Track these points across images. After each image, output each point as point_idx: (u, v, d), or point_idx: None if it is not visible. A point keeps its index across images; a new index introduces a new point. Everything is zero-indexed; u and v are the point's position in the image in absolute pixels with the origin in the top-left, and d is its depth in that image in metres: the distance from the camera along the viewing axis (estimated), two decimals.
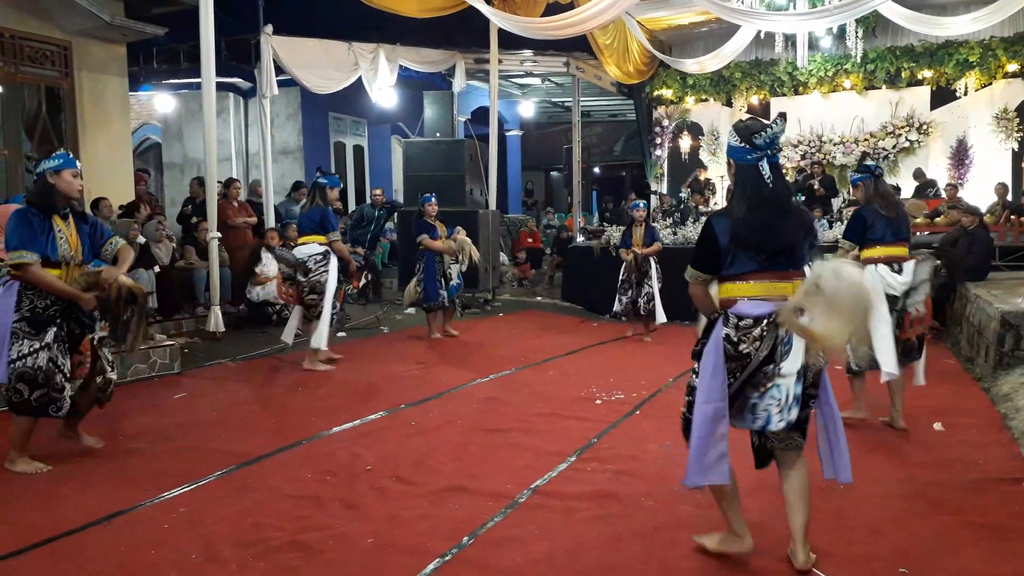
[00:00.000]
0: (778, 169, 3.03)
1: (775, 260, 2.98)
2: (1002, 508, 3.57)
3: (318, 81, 10.30)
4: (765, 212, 2.97)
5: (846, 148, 13.44)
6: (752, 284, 2.99)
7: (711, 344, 3.01)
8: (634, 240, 8.58)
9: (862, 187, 5.06)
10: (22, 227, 4.11)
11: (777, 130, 2.99)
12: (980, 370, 6.32)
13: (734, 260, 3.00)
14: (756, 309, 2.95)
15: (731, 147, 3.09)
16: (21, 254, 4.07)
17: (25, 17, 8.66)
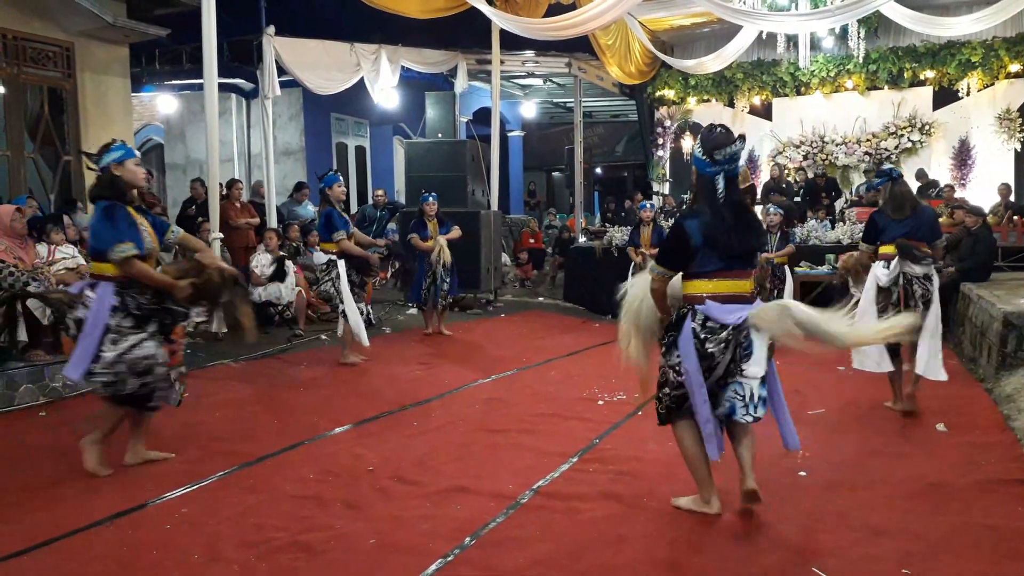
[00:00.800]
0: (732, 183, 3.39)
1: (735, 261, 3.37)
2: (1005, 509, 3.56)
3: (320, 82, 10.30)
4: (724, 219, 3.33)
5: (848, 149, 13.42)
6: (716, 282, 3.36)
7: (683, 339, 3.39)
8: (642, 239, 8.65)
9: (882, 191, 5.30)
10: (117, 220, 4.02)
11: (736, 149, 3.33)
12: (983, 371, 6.31)
13: (702, 259, 3.35)
14: (724, 316, 3.32)
15: (695, 156, 3.44)
16: (126, 247, 3.96)
17: (27, 18, 8.67)
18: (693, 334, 3.35)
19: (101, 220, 4.03)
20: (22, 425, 5.21)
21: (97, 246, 4.06)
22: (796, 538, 3.32)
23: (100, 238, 4.02)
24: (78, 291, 4.16)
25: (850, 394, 5.81)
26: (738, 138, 3.38)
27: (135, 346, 4.04)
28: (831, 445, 4.61)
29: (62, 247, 6.42)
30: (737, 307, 3.34)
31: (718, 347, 3.32)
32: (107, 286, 4.06)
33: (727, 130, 3.41)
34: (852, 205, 11.39)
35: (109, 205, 4.05)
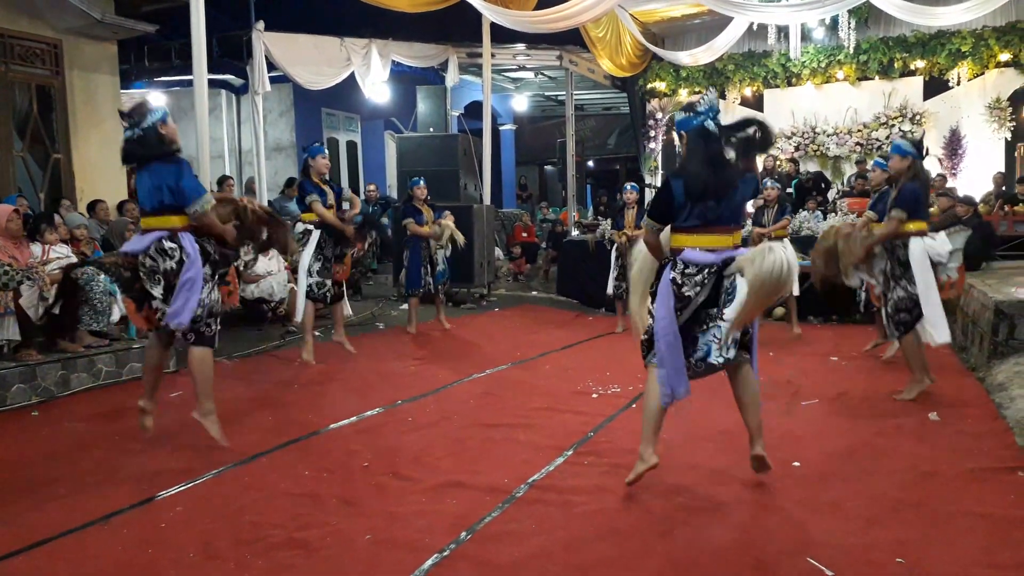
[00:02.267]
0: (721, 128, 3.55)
1: (720, 215, 3.53)
2: (998, 497, 3.58)
3: (310, 77, 10.27)
4: (714, 167, 3.49)
5: (839, 139, 13.45)
6: (699, 236, 3.55)
7: (661, 286, 3.60)
8: (626, 222, 8.59)
9: (911, 163, 5.19)
10: (194, 176, 4.30)
11: (712, 98, 3.58)
12: (975, 360, 6.34)
13: (688, 214, 3.54)
14: (700, 258, 3.51)
15: (679, 120, 3.70)
16: (208, 198, 4.27)
17: (15, 16, 8.61)
18: (672, 281, 3.56)
19: (178, 177, 4.20)
20: (14, 425, 5.19)
21: (174, 201, 4.22)
22: (790, 528, 3.33)
23: (183, 191, 4.20)
24: (145, 247, 4.26)
25: (843, 385, 5.83)
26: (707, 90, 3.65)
27: (211, 291, 4.35)
28: (824, 435, 4.63)
29: (56, 246, 6.38)
30: (718, 252, 3.52)
31: (693, 289, 3.51)
32: (188, 236, 4.26)
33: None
34: (844, 195, 11.42)
35: (180, 161, 4.28)
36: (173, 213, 4.25)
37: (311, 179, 6.79)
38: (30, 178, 9.14)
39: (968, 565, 2.95)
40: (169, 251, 4.22)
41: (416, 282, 8.41)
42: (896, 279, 5.27)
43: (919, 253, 5.15)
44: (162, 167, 4.23)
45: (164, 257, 4.22)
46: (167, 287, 4.24)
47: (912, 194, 5.16)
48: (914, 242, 5.18)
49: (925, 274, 5.14)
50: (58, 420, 5.28)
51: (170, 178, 4.21)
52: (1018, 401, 4.92)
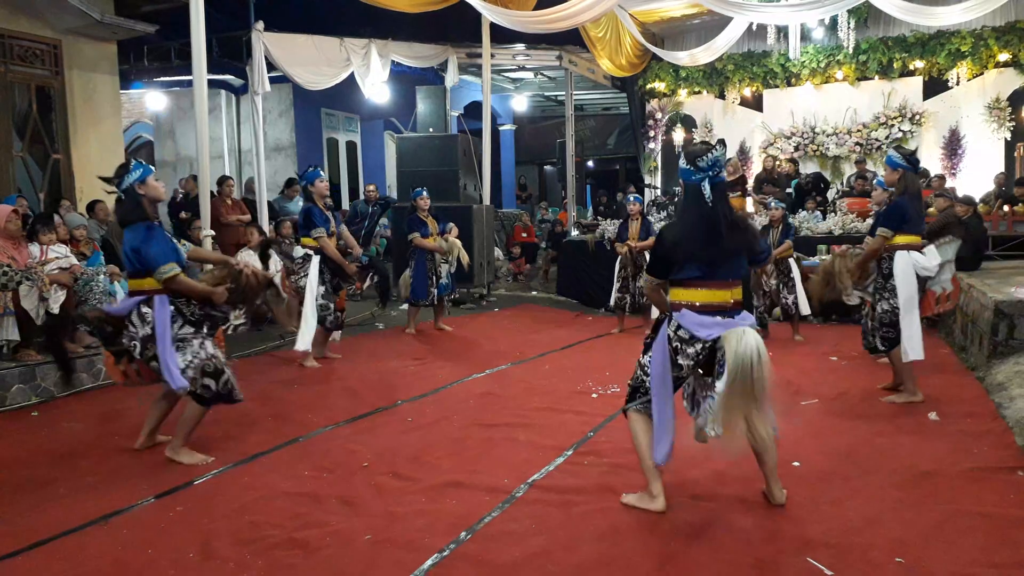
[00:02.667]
0: (719, 190, 3.40)
1: (715, 270, 3.39)
2: (997, 497, 3.59)
3: (310, 77, 10.26)
4: (706, 227, 3.36)
5: (839, 139, 13.45)
6: (694, 291, 3.41)
7: (657, 343, 3.49)
8: (630, 234, 8.58)
9: (902, 175, 5.18)
10: (160, 241, 4.24)
11: (718, 154, 3.39)
12: (974, 359, 6.34)
13: (681, 268, 3.42)
14: (697, 328, 3.36)
15: (680, 168, 3.50)
16: (172, 267, 4.19)
17: (15, 16, 8.61)
18: (667, 340, 3.44)
19: (144, 242, 4.19)
20: (14, 426, 5.19)
21: (141, 266, 4.22)
22: (790, 528, 3.33)
23: (145, 259, 4.19)
24: (126, 310, 4.28)
25: (842, 385, 5.84)
26: (717, 143, 3.50)
27: (199, 349, 4.28)
28: (823, 435, 4.63)
29: (54, 247, 6.38)
30: (714, 320, 3.35)
31: (688, 361, 3.40)
32: (162, 299, 4.24)
33: (707, 142, 3.55)
34: (843, 195, 11.42)
35: (149, 227, 4.26)
36: (148, 275, 4.23)
37: (317, 205, 6.82)
38: (30, 178, 9.15)
39: (968, 564, 2.96)
40: (144, 316, 4.22)
41: (421, 293, 8.41)
42: (880, 292, 5.28)
43: (903, 267, 5.13)
44: (131, 232, 4.24)
45: (142, 323, 4.23)
46: (144, 352, 4.24)
47: (898, 210, 5.15)
48: (899, 256, 5.15)
49: (907, 288, 5.11)
50: (58, 420, 5.28)
51: (135, 242, 4.21)
52: (1018, 401, 4.93)
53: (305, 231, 6.82)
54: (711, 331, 3.33)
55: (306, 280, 6.74)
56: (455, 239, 8.50)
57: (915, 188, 5.22)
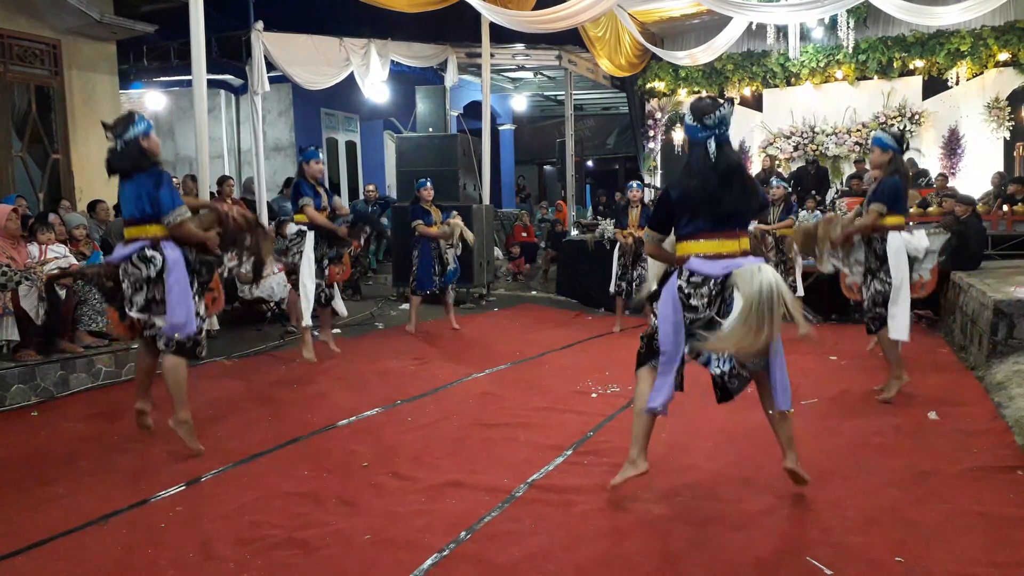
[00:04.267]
0: (723, 147, 3.46)
1: (722, 222, 3.43)
2: (997, 496, 3.59)
3: (309, 77, 10.26)
4: (711, 183, 3.41)
5: (838, 139, 13.46)
6: (702, 243, 3.45)
7: (665, 293, 3.52)
8: (630, 221, 8.56)
9: (891, 157, 5.17)
10: (170, 187, 4.28)
11: (725, 112, 3.45)
12: (974, 359, 6.34)
13: (688, 222, 3.47)
14: (706, 268, 3.41)
15: (686, 124, 3.58)
16: (183, 210, 4.27)
17: (14, 16, 8.61)
18: (678, 289, 3.47)
19: (155, 187, 4.24)
20: (14, 426, 5.19)
21: (151, 212, 4.25)
22: (789, 527, 3.34)
23: (156, 204, 4.23)
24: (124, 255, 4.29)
25: (843, 383, 5.84)
26: (726, 101, 3.52)
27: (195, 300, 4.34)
28: (824, 434, 4.63)
29: (53, 246, 6.38)
30: (724, 262, 3.40)
31: (701, 301, 3.42)
32: (171, 244, 4.28)
33: (714, 98, 3.55)
34: (843, 195, 11.42)
35: (159, 172, 4.30)
36: (153, 223, 4.27)
37: (307, 180, 6.79)
38: (29, 178, 9.14)
39: (967, 564, 2.95)
40: (151, 259, 4.25)
41: (426, 283, 8.37)
42: (873, 272, 5.27)
43: (896, 247, 5.15)
44: (142, 177, 4.27)
45: (146, 265, 4.25)
46: (149, 296, 4.26)
47: (892, 188, 5.14)
48: (892, 236, 5.16)
49: (900, 269, 5.14)
50: (57, 420, 5.28)
51: (149, 187, 4.24)
52: (1017, 400, 4.93)
53: (295, 206, 6.80)
54: (720, 271, 3.38)
55: (300, 256, 6.71)
56: (457, 220, 8.44)
57: (904, 170, 5.24)
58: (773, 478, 3.81)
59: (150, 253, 4.25)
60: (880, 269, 5.21)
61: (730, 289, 3.36)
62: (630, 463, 3.64)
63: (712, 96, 3.58)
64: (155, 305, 4.27)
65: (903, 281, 5.14)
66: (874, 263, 5.27)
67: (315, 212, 6.69)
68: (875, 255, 5.25)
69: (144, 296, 4.26)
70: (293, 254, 6.80)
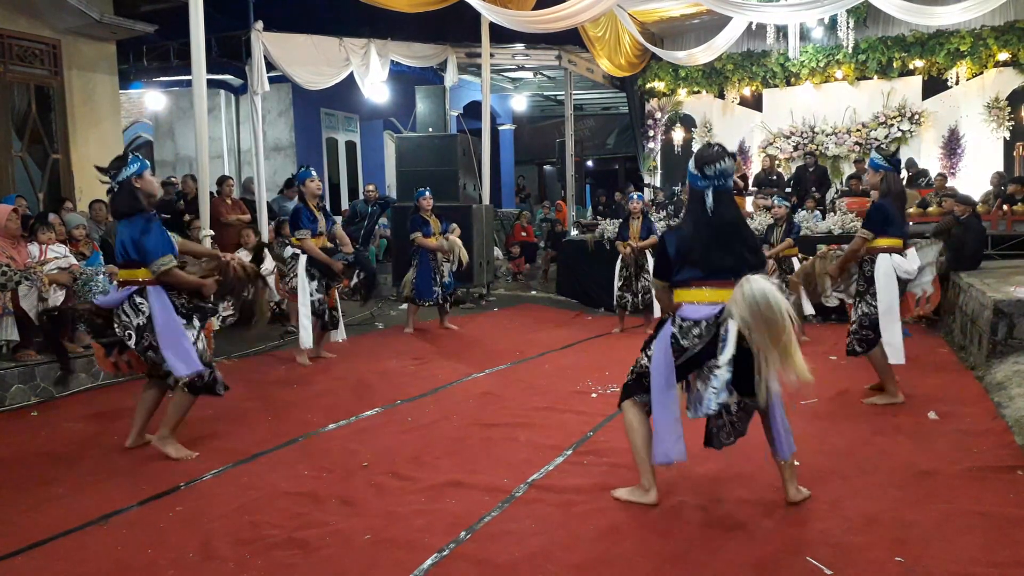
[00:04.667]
0: (722, 197, 3.42)
1: (715, 271, 3.40)
2: (997, 496, 3.59)
3: (309, 77, 10.25)
4: (707, 233, 3.41)
5: (838, 139, 13.46)
6: (694, 291, 3.43)
7: (659, 340, 3.49)
8: (631, 232, 8.56)
9: (884, 177, 5.16)
10: (157, 234, 4.26)
11: (727, 166, 3.40)
12: (973, 359, 6.34)
13: (680, 270, 3.45)
14: (696, 313, 3.39)
15: (688, 171, 3.52)
16: (168, 259, 4.26)
17: (14, 16, 8.61)
18: (671, 336, 3.44)
19: (140, 234, 4.23)
20: (14, 426, 5.19)
21: (137, 258, 4.26)
22: (789, 527, 3.33)
23: (141, 251, 4.23)
24: (117, 301, 4.31)
25: (842, 384, 5.83)
26: (730, 155, 3.48)
27: (195, 341, 4.34)
28: (823, 434, 4.63)
29: (53, 246, 6.38)
30: (716, 307, 3.35)
31: (691, 341, 3.38)
32: (156, 289, 4.27)
33: (722, 148, 3.50)
34: (843, 195, 11.42)
35: (147, 219, 4.28)
36: (141, 266, 4.27)
37: (307, 206, 6.83)
38: (29, 178, 9.14)
39: (967, 564, 2.96)
40: (139, 307, 4.25)
41: (427, 293, 8.42)
42: (861, 295, 5.28)
43: (884, 270, 5.11)
44: (129, 223, 4.27)
45: (136, 313, 4.26)
46: (140, 342, 4.27)
47: (879, 212, 5.14)
48: (881, 259, 5.14)
49: (888, 292, 5.10)
50: (57, 420, 5.28)
51: (135, 234, 4.23)
52: (1017, 400, 4.93)
53: (293, 232, 6.86)
54: (708, 313, 3.36)
55: (296, 280, 6.76)
56: (455, 239, 8.52)
57: (897, 189, 5.21)
58: (773, 478, 3.80)
59: (139, 300, 4.26)
60: (867, 291, 5.22)
61: (724, 325, 3.26)
62: (641, 489, 3.59)
63: (720, 146, 3.46)
64: (151, 351, 4.28)
65: (891, 304, 5.10)
66: (862, 285, 5.28)
67: (311, 245, 6.76)
68: (864, 277, 5.26)
69: (135, 343, 4.27)
70: (290, 278, 6.85)
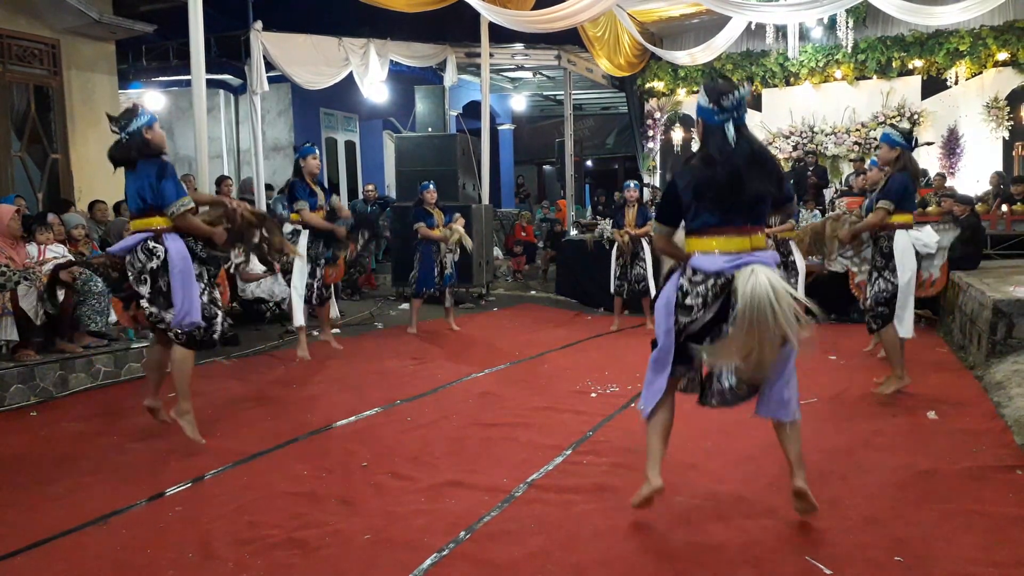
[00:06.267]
0: (742, 130, 3.17)
1: (733, 216, 3.13)
2: (996, 496, 3.59)
3: (309, 77, 10.26)
4: (726, 169, 3.10)
5: (838, 138, 13.47)
6: (709, 238, 3.16)
7: (665, 291, 3.27)
8: (627, 220, 8.58)
9: (900, 154, 5.13)
10: (176, 178, 4.29)
11: (742, 94, 3.15)
12: (973, 358, 6.34)
13: (696, 215, 3.17)
14: (711, 264, 3.12)
15: (700, 107, 3.24)
16: (186, 201, 4.27)
17: (13, 16, 8.61)
18: (678, 288, 3.21)
19: (158, 177, 4.24)
20: (13, 426, 5.18)
21: (154, 202, 4.26)
22: (788, 527, 3.33)
23: (161, 192, 4.23)
24: (129, 246, 4.30)
25: (841, 383, 5.83)
26: (742, 81, 3.30)
27: (204, 291, 4.33)
28: (822, 434, 4.62)
29: (51, 246, 6.38)
30: (727, 257, 3.09)
31: (696, 301, 3.13)
32: (173, 236, 4.27)
33: (729, 79, 3.34)
34: (842, 195, 11.41)
35: (163, 163, 4.29)
36: (157, 214, 4.28)
37: (303, 181, 6.81)
38: (28, 178, 9.14)
39: (966, 563, 2.96)
40: (154, 251, 4.26)
41: (427, 283, 8.38)
42: (879, 270, 5.27)
43: (904, 245, 5.13)
44: (144, 168, 4.28)
45: (150, 257, 4.26)
46: (154, 287, 4.27)
47: (900, 185, 5.10)
48: (900, 234, 5.16)
49: (907, 268, 5.14)
50: (57, 420, 5.28)
51: (151, 177, 4.25)
52: (1016, 400, 4.93)
53: (291, 208, 6.81)
54: (722, 266, 3.07)
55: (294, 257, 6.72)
56: (458, 227, 8.45)
57: (913, 167, 5.20)
58: (773, 478, 3.81)
59: (152, 245, 4.26)
60: (886, 267, 5.21)
61: (735, 291, 3.04)
62: (647, 482, 3.37)
63: (726, 76, 3.35)
64: (161, 297, 4.28)
65: (910, 280, 5.13)
66: (880, 261, 5.27)
67: (311, 215, 6.71)
68: (881, 253, 5.25)
69: (149, 288, 4.27)
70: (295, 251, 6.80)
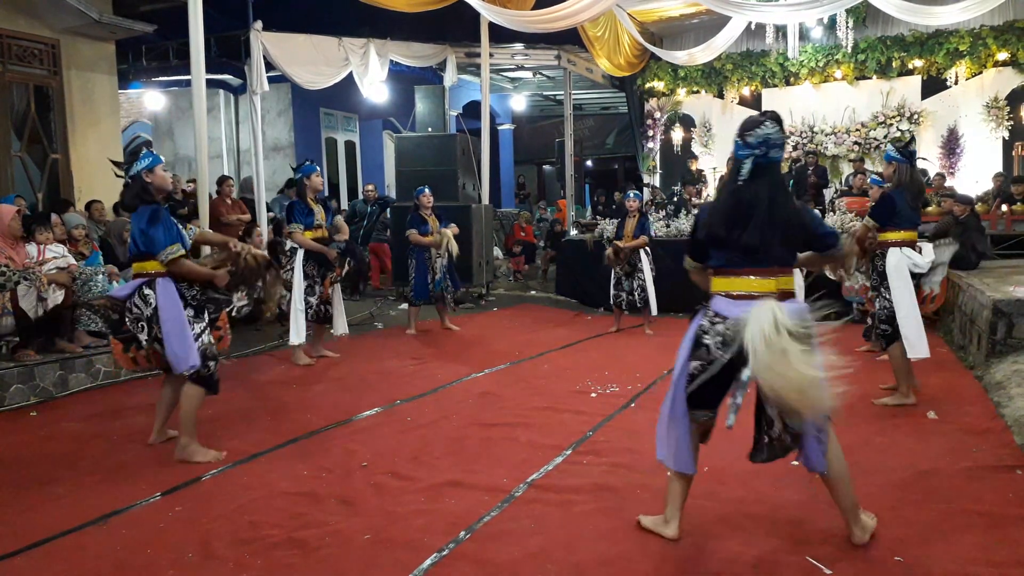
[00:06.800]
0: (762, 170, 2.99)
1: (750, 257, 2.98)
2: (996, 496, 3.59)
3: (309, 77, 10.25)
4: (738, 210, 2.98)
5: (837, 138, 13.47)
6: (730, 279, 3.03)
7: (688, 333, 3.13)
8: (626, 232, 8.51)
9: (896, 168, 5.11)
10: (163, 224, 4.26)
11: (768, 131, 2.98)
12: (973, 358, 6.34)
13: (715, 253, 3.07)
14: (727, 309, 2.98)
15: (735, 143, 3.09)
16: (175, 249, 4.25)
17: (13, 16, 8.60)
18: (699, 328, 3.07)
19: (148, 224, 4.24)
20: (13, 426, 5.18)
21: (145, 249, 4.27)
22: (789, 527, 3.33)
23: (149, 241, 4.24)
24: (127, 292, 4.32)
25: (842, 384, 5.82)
26: (776, 120, 3.04)
27: (201, 334, 4.33)
28: None
29: (51, 246, 6.38)
30: (750, 300, 2.94)
31: (714, 340, 2.99)
32: (165, 281, 4.28)
33: (773, 113, 3.08)
34: (842, 195, 11.42)
35: (154, 209, 4.28)
36: (151, 259, 4.28)
37: (304, 200, 6.85)
38: (28, 178, 9.13)
39: (966, 563, 2.96)
40: (147, 298, 4.26)
41: (422, 293, 8.41)
42: (876, 289, 5.27)
43: (895, 264, 5.08)
44: (139, 214, 4.29)
45: (144, 303, 4.27)
46: (150, 333, 4.28)
47: (888, 203, 5.10)
48: (892, 253, 5.11)
49: (900, 287, 5.06)
50: (56, 420, 5.28)
51: (143, 223, 4.25)
52: (1016, 400, 4.93)
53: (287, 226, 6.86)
54: (740, 310, 2.90)
55: (292, 273, 6.76)
56: (447, 231, 8.44)
57: (910, 181, 5.12)
58: (773, 478, 3.81)
59: (146, 292, 4.27)
60: (881, 285, 5.20)
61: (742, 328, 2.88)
62: (664, 521, 3.26)
63: (767, 113, 3.03)
64: (157, 343, 4.29)
65: (906, 298, 5.05)
66: (875, 280, 5.27)
67: (302, 237, 6.77)
68: (876, 272, 5.24)
69: (147, 334, 4.28)
70: (287, 271, 6.84)
